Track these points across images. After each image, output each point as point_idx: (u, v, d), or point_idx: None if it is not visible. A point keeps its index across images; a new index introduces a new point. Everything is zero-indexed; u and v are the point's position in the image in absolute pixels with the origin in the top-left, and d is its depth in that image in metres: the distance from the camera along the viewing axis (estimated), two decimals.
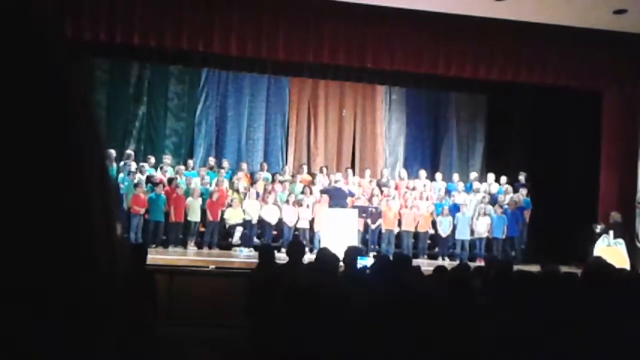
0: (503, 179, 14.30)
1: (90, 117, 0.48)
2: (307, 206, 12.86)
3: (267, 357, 4.83)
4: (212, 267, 10.05)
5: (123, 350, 0.48)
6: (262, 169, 14.04)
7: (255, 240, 12.67)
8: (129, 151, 13.33)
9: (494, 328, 3.42)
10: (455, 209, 13.40)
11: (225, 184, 13.05)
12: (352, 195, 12.94)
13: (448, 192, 14.14)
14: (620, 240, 11.89)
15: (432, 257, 13.18)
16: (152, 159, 13.32)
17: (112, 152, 12.52)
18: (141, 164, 13.01)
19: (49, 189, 0.43)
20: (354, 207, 12.74)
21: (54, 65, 0.46)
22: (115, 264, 0.48)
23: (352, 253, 5.90)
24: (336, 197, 12.45)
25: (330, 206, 12.39)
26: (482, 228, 13.19)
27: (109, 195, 0.49)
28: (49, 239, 0.43)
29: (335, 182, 13.09)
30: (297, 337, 4.09)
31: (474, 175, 14.76)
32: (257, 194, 12.93)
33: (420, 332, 3.37)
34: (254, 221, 12.65)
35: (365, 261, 7.77)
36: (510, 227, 13.24)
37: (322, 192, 12.95)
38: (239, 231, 12.64)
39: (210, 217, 12.40)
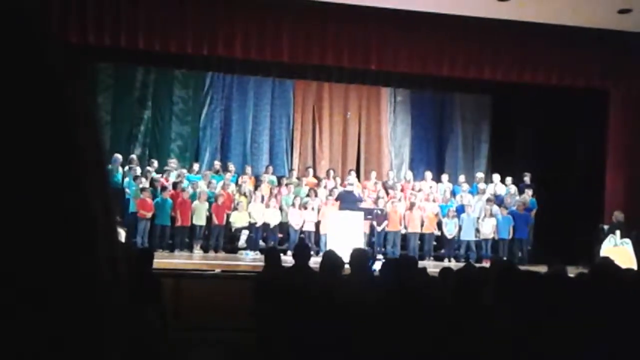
0: (508, 179, 14.26)
1: (89, 119, 0.49)
2: (313, 209, 12.87)
3: (274, 359, 4.84)
4: (218, 270, 10.06)
5: (126, 352, 0.49)
6: (267, 172, 14.06)
7: (261, 243, 12.67)
8: (133, 155, 13.36)
9: (500, 329, 3.42)
10: (461, 210, 13.38)
11: (232, 187, 13.07)
12: (360, 200, 12.93)
13: (454, 193, 14.12)
14: (627, 240, 11.84)
15: (438, 258, 13.16)
16: (155, 163, 13.35)
17: (119, 156, 12.58)
18: (147, 168, 13.04)
19: (48, 188, 0.44)
20: (359, 209, 12.72)
21: (50, 65, 0.46)
22: (116, 265, 0.48)
23: (358, 256, 5.89)
24: (347, 201, 12.43)
25: (341, 209, 12.36)
26: (488, 229, 13.15)
27: (109, 197, 0.49)
28: (48, 239, 0.43)
29: (350, 184, 13.11)
30: (304, 340, 4.09)
31: (479, 176, 14.72)
32: (262, 197, 12.94)
33: (425, 334, 3.36)
34: (260, 224, 12.66)
35: (374, 265, 7.80)
36: (519, 229, 13.19)
37: (337, 198, 12.84)
38: (244, 234, 12.65)
39: (215, 221, 12.41)
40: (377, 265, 8.07)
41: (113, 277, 0.48)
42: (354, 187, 13.15)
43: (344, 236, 11.30)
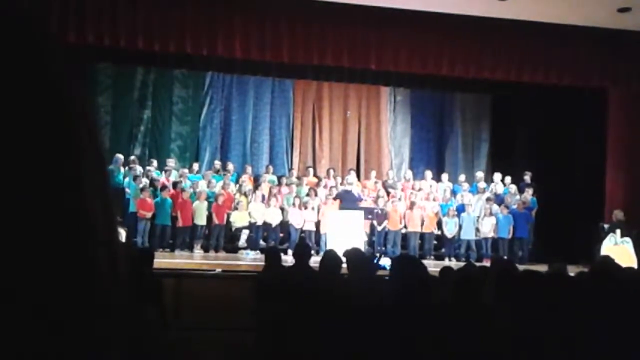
0: (508, 179, 14.26)
1: (89, 119, 0.49)
2: (313, 208, 12.87)
3: (275, 359, 4.83)
4: (218, 270, 10.06)
5: (126, 352, 0.49)
6: (267, 172, 14.07)
7: (262, 242, 12.67)
8: (132, 156, 13.36)
9: (500, 328, 3.42)
10: (461, 209, 13.38)
11: (231, 187, 13.07)
12: (360, 199, 12.93)
13: (454, 193, 14.12)
14: (628, 239, 11.84)
15: (439, 257, 13.16)
16: (155, 162, 13.35)
17: (121, 157, 12.59)
18: (147, 167, 13.04)
19: (48, 188, 0.44)
20: (359, 208, 12.72)
21: (50, 65, 0.46)
22: (116, 265, 0.48)
23: (354, 255, 5.88)
24: (346, 201, 12.43)
25: (341, 209, 12.36)
26: (487, 228, 13.15)
27: (109, 197, 0.49)
28: (48, 239, 0.43)
29: (349, 184, 13.11)
30: (304, 339, 4.09)
31: (479, 175, 14.72)
32: (263, 196, 12.94)
33: (425, 333, 3.36)
34: (260, 224, 12.66)
35: (382, 261, 7.84)
36: (519, 228, 13.18)
37: (335, 198, 12.85)
38: (245, 234, 12.65)
39: (216, 221, 12.41)
40: (385, 261, 8.10)
41: (113, 277, 0.48)
42: (354, 187, 13.15)
43: (344, 235, 11.29)
